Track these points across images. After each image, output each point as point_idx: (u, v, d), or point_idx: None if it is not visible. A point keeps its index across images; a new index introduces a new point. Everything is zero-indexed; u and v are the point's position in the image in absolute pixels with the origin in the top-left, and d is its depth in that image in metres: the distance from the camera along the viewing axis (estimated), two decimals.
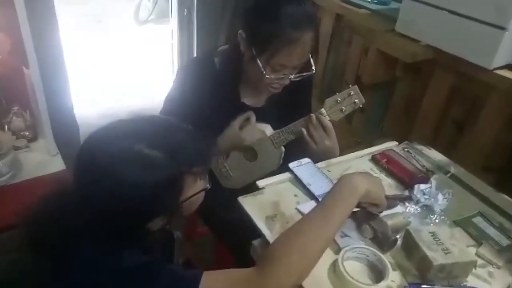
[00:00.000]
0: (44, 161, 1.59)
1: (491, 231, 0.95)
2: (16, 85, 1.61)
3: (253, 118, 1.18)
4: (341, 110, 1.11)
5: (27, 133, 1.66)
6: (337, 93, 1.12)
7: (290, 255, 0.73)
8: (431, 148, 1.23)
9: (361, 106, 1.11)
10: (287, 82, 1.12)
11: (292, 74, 1.10)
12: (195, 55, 2.76)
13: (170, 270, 0.72)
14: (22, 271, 0.87)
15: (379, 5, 1.70)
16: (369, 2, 1.75)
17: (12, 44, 1.49)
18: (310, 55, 1.11)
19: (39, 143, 1.68)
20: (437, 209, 0.98)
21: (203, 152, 0.79)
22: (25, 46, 1.40)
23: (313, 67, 1.13)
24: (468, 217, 0.99)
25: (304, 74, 1.12)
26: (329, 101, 1.12)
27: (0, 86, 1.57)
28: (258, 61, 1.05)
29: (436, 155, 1.20)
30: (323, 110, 1.12)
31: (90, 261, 0.70)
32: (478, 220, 0.98)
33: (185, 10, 2.75)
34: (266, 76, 1.07)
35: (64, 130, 1.90)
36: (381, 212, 0.90)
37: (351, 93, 1.10)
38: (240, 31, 1.09)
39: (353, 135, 1.86)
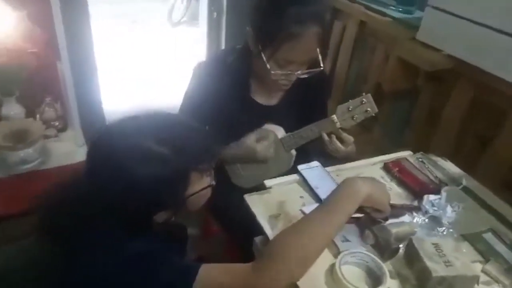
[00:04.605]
0: (71, 150, 1.67)
1: (501, 249, 0.92)
2: (50, 77, 1.70)
3: (272, 136, 1.18)
4: (353, 117, 1.11)
5: (57, 123, 1.76)
6: (350, 100, 1.12)
7: (286, 253, 0.74)
8: (447, 160, 1.21)
9: (373, 114, 1.11)
10: (293, 78, 1.13)
11: (299, 71, 1.11)
12: None
13: (169, 259, 0.74)
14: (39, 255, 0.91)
15: (403, 14, 1.68)
16: (393, 10, 1.73)
17: (47, 39, 1.58)
18: (318, 53, 1.11)
19: (68, 133, 1.77)
20: (445, 221, 0.95)
21: (210, 149, 0.82)
22: (58, 41, 1.49)
23: (322, 65, 1.13)
24: (478, 233, 0.96)
25: (311, 70, 1.12)
26: (340, 108, 1.12)
27: (35, 77, 1.66)
28: (263, 55, 1.08)
29: (451, 167, 1.18)
30: (334, 117, 1.12)
31: (95, 247, 0.73)
32: (488, 237, 0.95)
33: (215, 13, 2.81)
34: (272, 72, 1.08)
35: (92, 123, 1.98)
36: (386, 219, 0.90)
37: (364, 101, 1.10)
38: (248, 28, 1.12)
39: (373, 144, 1.83)
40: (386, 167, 1.15)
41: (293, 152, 1.24)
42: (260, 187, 1.08)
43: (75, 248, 0.75)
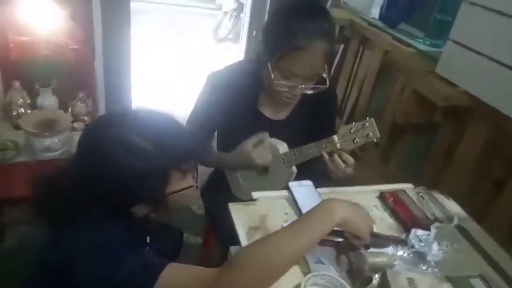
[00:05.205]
0: None
1: None
2: (86, 74, 1.83)
3: (267, 140, 1.19)
4: (354, 140, 1.11)
5: (86, 118, 1.87)
6: (353, 123, 1.12)
7: (249, 264, 0.73)
8: (450, 199, 1.16)
9: (375, 140, 1.10)
10: (298, 92, 1.14)
11: (303, 85, 1.12)
12: None
13: (137, 253, 0.75)
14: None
15: (430, 47, 1.64)
16: (420, 42, 1.70)
17: (86, 38, 1.71)
18: (325, 70, 1.12)
19: None
20: (430, 259, 0.91)
21: (194, 150, 0.85)
22: (94, 41, 1.61)
23: (327, 82, 1.14)
24: (466, 277, 0.91)
25: (316, 86, 1.13)
26: (343, 129, 1.12)
27: (73, 72, 1.79)
28: (268, 65, 1.10)
29: (452, 207, 1.13)
30: (335, 138, 1.12)
31: (73, 230, 0.77)
32: (476, 282, 0.90)
33: (254, 31, 2.90)
34: (275, 82, 1.10)
35: None
36: (368, 247, 0.88)
37: (366, 125, 1.10)
38: (259, 39, 1.16)
39: (387, 178, 1.79)
40: (382, 197, 1.13)
41: (294, 169, 1.24)
42: None
43: (58, 230, 0.79)
